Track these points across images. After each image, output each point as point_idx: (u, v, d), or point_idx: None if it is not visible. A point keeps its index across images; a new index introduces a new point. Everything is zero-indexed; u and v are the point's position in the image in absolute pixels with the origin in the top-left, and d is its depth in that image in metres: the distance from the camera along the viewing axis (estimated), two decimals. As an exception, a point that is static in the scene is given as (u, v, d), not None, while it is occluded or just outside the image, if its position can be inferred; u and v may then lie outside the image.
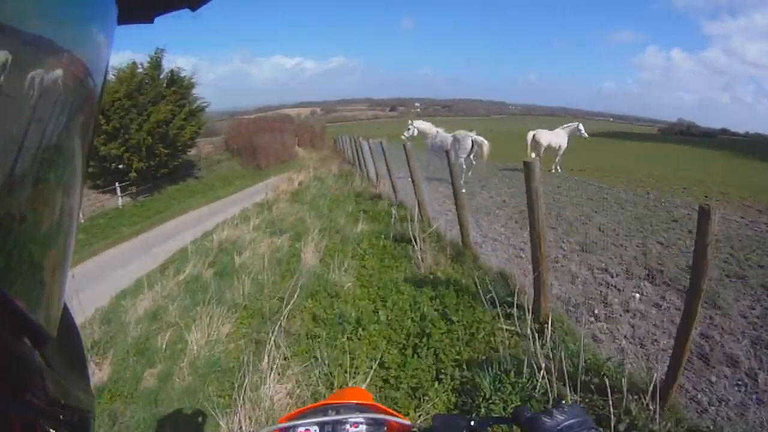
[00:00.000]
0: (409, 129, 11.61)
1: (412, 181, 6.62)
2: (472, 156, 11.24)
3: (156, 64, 25.41)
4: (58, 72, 0.30)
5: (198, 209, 19.52)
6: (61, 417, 0.28)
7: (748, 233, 6.57)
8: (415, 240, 5.19)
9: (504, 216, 7.90)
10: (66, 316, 0.35)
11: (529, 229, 3.45)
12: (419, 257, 5.08)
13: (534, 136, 13.68)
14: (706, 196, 9.72)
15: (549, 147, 13.50)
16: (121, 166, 23.00)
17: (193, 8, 0.43)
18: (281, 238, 6.91)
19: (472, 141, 10.91)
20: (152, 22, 0.44)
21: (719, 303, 3.98)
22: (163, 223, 17.96)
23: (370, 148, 11.91)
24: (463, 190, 6.30)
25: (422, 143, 12.08)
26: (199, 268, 6.96)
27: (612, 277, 4.88)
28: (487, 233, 6.73)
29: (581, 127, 13.96)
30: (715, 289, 4.19)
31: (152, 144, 23.47)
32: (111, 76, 23.33)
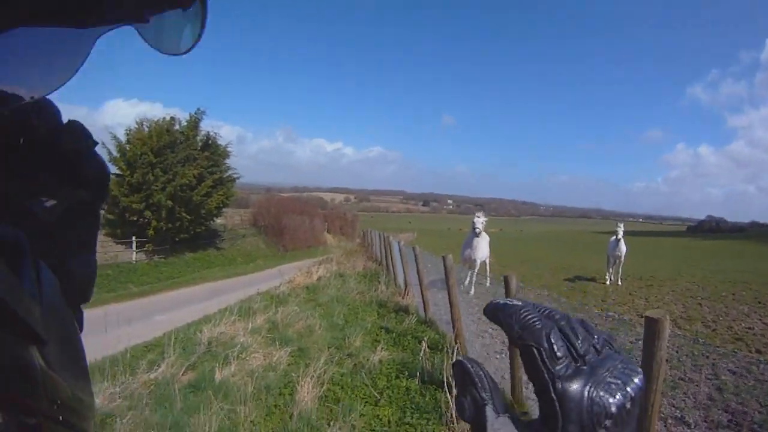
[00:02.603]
0: (476, 227, 10.81)
1: (450, 303, 5.81)
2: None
3: (194, 124, 25.16)
4: None
5: (213, 282, 18.29)
6: (62, 418, 0.29)
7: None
8: (450, 388, 3.97)
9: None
10: (64, 316, 0.35)
11: None
12: (454, 414, 3.76)
13: (619, 243, 12.01)
14: (759, 302, 9.55)
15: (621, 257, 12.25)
16: (140, 221, 21.95)
17: (185, 7, 0.41)
18: (280, 352, 5.54)
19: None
20: (147, 22, 0.41)
21: None
22: (176, 289, 16.73)
23: (400, 250, 11.10)
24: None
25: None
26: (175, 370, 5.58)
27: None
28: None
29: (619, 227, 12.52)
30: None
31: (173, 207, 22.60)
32: (144, 127, 23.47)
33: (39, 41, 0.35)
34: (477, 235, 10.67)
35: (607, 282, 12.28)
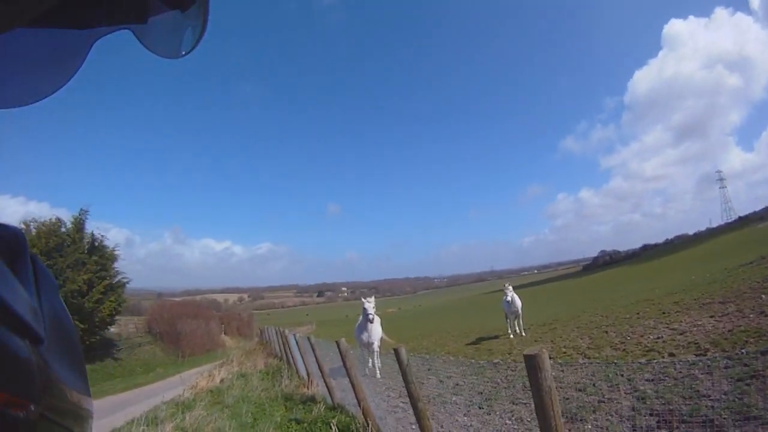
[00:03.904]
0: (369, 313, 10.74)
1: (352, 384, 6.24)
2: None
3: (79, 225, 24.36)
4: None
5: (115, 395, 16.51)
6: (59, 417, 0.28)
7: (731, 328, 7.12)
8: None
9: (463, 403, 6.86)
10: (63, 316, 0.35)
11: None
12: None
13: (513, 301, 12.82)
14: (663, 313, 10.04)
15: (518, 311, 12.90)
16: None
17: (183, 9, 0.42)
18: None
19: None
20: (145, 23, 0.42)
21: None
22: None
23: (297, 342, 11.46)
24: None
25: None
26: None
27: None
28: (451, 429, 5.82)
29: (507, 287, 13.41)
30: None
31: (65, 316, 21.28)
32: (32, 229, 22.39)
33: (35, 44, 0.36)
34: (371, 321, 10.73)
35: (511, 336, 12.73)
